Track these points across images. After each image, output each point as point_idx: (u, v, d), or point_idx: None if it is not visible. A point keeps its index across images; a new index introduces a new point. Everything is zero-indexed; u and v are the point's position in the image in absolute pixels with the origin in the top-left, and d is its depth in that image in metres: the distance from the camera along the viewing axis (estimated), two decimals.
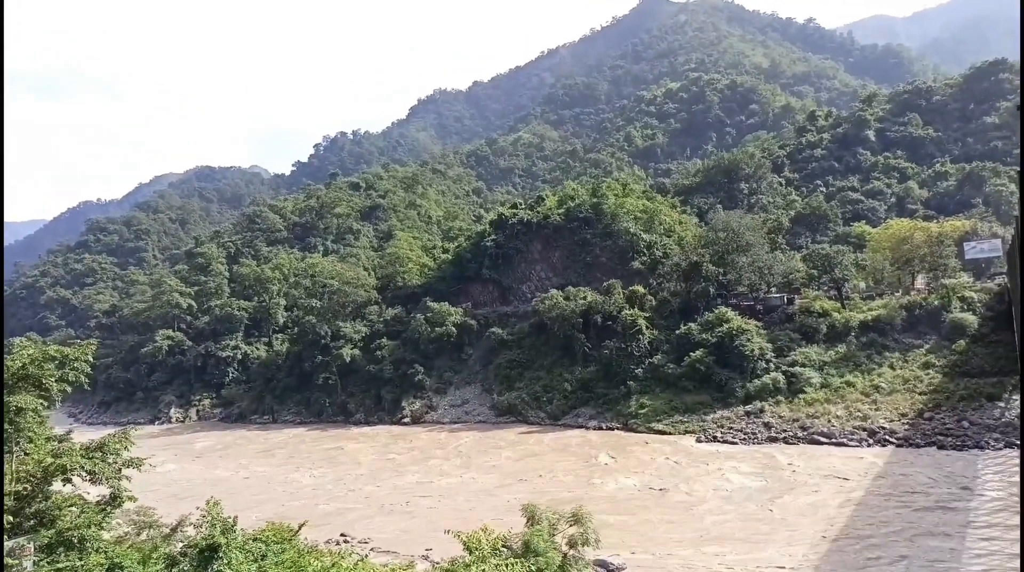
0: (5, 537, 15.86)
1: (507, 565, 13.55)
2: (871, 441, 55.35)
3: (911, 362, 65.29)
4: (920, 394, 60.77)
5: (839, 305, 75.00)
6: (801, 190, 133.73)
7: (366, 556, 24.74)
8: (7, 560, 16.71)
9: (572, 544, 26.17)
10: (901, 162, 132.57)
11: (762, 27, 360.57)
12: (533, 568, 18.93)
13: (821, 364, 68.15)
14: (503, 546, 21.67)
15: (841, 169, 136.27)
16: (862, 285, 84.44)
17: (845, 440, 56.19)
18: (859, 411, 60.43)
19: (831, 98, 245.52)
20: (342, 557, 13.65)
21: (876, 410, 59.95)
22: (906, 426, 56.50)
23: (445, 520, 40.02)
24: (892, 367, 65.42)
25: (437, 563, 26.16)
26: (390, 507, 51.47)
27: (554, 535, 25.95)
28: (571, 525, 26.57)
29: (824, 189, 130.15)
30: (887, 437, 55.24)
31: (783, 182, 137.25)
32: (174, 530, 27.85)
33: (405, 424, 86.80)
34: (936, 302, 69.85)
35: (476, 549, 16.80)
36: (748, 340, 70.50)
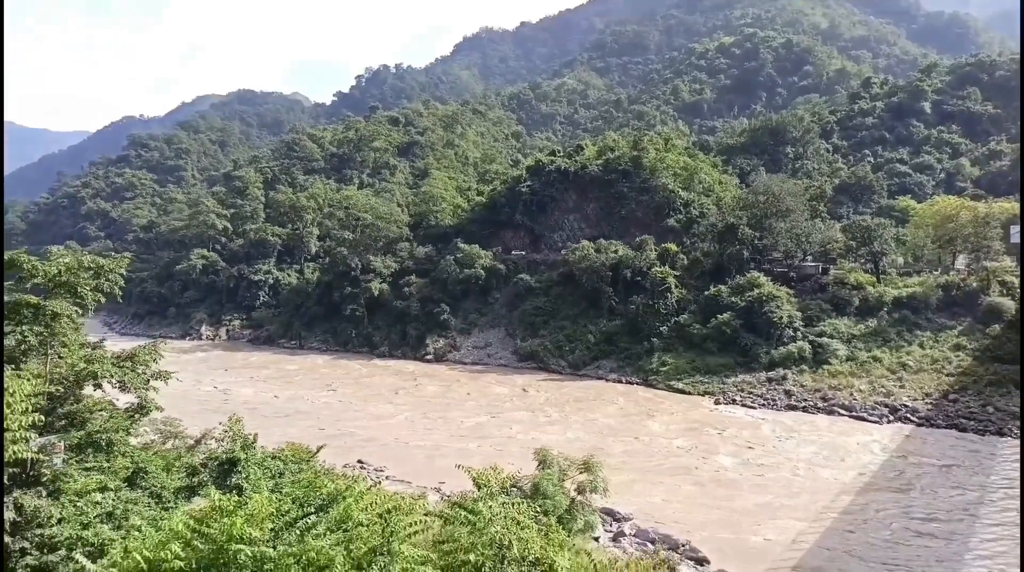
0: (38, 436, 16.46)
1: (513, 504, 13.80)
2: (891, 417, 54.98)
3: (942, 342, 64.25)
4: (947, 375, 59.95)
5: (874, 279, 73.77)
6: (848, 158, 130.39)
7: (379, 483, 25.42)
8: (39, 456, 17.36)
9: (581, 490, 26.69)
10: (955, 137, 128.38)
11: None
12: (539, 509, 19.31)
13: (849, 337, 67.40)
14: (512, 486, 22.09)
15: (892, 140, 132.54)
16: (900, 261, 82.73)
17: (865, 414, 55.85)
18: (883, 387, 59.92)
19: (889, 65, 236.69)
20: (355, 481, 14.01)
21: (900, 387, 59.42)
22: (929, 406, 55.98)
23: (465, 458, 40.86)
24: (922, 346, 64.47)
25: (448, 496, 26.79)
26: (414, 440, 52.60)
27: (564, 480, 26.44)
28: (581, 472, 27.02)
29: (872, 159, 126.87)
30: (908, 415, 54.84)
31: (830, 149, 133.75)
32: (198, 442, 28.79)
33: (428, 361, 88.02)
34: (975, 284, 68.39)
35: (485, 486, 17.16)
36: (778, 307, 69.82)
